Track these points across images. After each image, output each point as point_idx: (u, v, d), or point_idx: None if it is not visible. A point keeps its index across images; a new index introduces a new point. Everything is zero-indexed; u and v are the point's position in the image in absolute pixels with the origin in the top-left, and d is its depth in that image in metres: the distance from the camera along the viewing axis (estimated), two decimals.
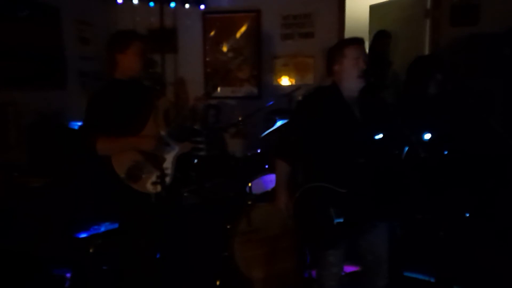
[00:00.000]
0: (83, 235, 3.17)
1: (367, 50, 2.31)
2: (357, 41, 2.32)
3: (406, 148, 2.81)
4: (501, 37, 4.01)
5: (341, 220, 2.17)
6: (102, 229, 3.22)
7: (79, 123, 4.06)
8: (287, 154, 2.36)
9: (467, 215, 3.12)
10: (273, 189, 2.50)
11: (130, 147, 2.49)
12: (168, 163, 2.56)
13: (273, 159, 2.41)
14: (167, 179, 2.47)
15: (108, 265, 3.09)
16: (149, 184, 2.45)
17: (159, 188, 2.37)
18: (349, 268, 3.04)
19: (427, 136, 2.79)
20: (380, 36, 4.57)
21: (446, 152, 3.00)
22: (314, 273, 3.00)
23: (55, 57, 4.14)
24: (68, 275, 3.07)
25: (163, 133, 2.56)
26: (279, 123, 3.47)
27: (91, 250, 3.06)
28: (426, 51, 4.44)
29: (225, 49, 4.89)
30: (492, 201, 3.10)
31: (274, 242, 3.09)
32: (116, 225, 3.21)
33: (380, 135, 2.36)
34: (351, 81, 2.27)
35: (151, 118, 2.54)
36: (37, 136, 3.76)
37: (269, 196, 3.16)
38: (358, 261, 2.43)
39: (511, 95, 3.85)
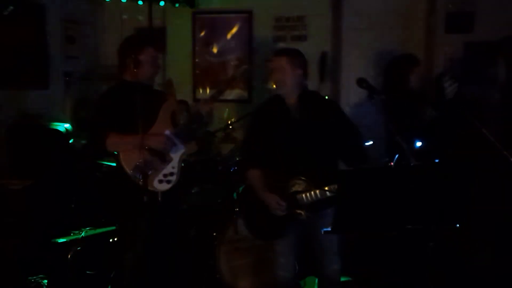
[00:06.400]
0: (62, 240, 3.10)
1: None
2: (283, 53, 2.56)
3: (397, 156, 2.78)
4: (495, 45, 4.00)
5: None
6: (82, 234, 3.14)
7: (64, 125, 3.97)
8: (253, 162, 2.56)
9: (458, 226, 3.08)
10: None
11: (139, 144, 2.49)
12: (174, 163, 2.62)
13: (244, 173, 2.59)
14: (174, 178, 2.58)
15: (88, 270, 3.02)
16: (156, 182, 2.54)
17: (165, 186, 2.53)
18: None
19: (419, 144, 2.78)
20: None
21: (437, 160, 2.97)
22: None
23: (38, 56, 4.04)
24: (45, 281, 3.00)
25: (170, 132, 2.61)
26: None
27: (69, 256, 2.98)
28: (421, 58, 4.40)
29: (215, 50, 4.81)
30: (485, 211, 3.07)
31: (262, 251, 3.01)
32: (95, 231, 3.15)
33: (370, 142, 2.54)
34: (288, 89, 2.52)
35: (158, 118, 2.62)
36: (18, 137, 3.70)
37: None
38: (309, 253, 2.58)
39: (505, 104, 3.84)
